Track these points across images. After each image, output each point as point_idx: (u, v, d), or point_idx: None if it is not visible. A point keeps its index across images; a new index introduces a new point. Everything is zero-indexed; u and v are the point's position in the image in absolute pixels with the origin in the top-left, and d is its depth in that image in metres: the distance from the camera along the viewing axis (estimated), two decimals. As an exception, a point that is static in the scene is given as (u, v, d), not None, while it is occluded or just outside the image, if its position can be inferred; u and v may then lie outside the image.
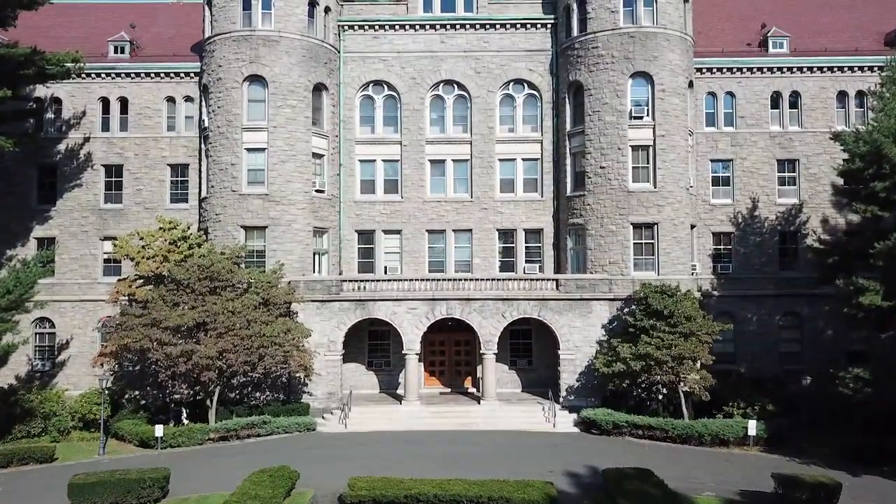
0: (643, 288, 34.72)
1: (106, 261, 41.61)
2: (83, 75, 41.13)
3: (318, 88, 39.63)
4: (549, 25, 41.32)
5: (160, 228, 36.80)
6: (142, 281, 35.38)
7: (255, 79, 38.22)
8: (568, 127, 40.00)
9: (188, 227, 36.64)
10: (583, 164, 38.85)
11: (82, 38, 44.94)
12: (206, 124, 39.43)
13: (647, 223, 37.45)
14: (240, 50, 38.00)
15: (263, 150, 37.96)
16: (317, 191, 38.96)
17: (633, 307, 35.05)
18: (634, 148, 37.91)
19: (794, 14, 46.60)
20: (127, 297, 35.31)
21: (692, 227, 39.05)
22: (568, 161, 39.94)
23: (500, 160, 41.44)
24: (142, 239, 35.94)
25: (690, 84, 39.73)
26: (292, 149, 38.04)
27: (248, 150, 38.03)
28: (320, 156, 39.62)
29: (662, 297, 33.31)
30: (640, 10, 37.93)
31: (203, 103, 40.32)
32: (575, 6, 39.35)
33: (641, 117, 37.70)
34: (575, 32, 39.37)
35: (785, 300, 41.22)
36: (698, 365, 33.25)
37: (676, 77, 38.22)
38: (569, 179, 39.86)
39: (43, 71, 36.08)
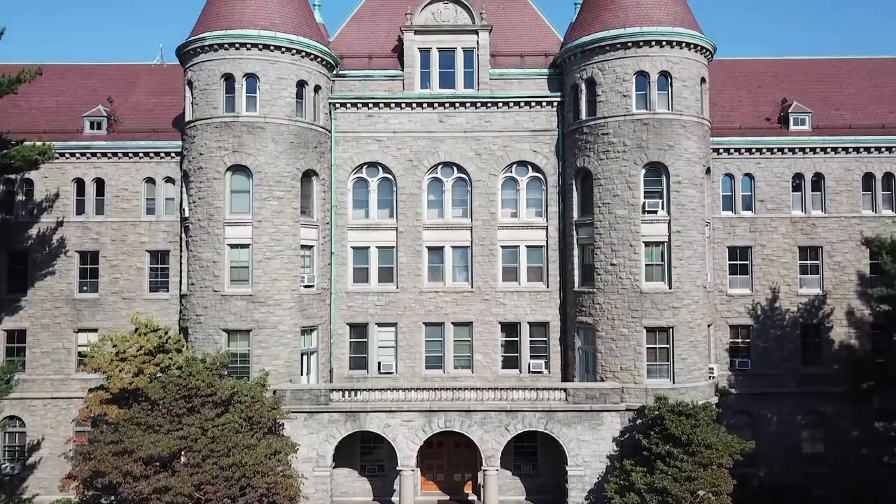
0: (658, 403, 32.09)
1: (80, 354, 38.79)
2: (56, 155, 38.54)
3: (308, 174, 36.84)
4: (554, 104, 38.55)
5: (135, 330, 34.04)
6: (115, 394, 32.54)
7: (239, 168, 35.40)
8: (575, 216, 37.23)
9: (166, 333, 33.79)
10: (592, 258, 36.09)
11: (56, 109, 42.37)
12: (187, 214, 36.63)
13: (661, 327, 34.67)
14: (222, 137, 35.19)
15: (247, 245, 35.12)
16: (305, 286, 36.13)
17: (647, 421, 32.33)
18: (647, 244, 35.11)
19: (814, 81, 43.96)
20: (96, 416, 32.51)
21: (709, 325, 36.31)
22: (575, 252, 37.16)
23: (502, 247, 38.65)
24: (115, 346, 33.12)
25: (708, 170, 36.99)
26: (279, 244, 35.23)
27: (231, 245, 35.21)
28: (310, 247, 36.83)
29: (679, 420, 30.58)
30: (653, 95, 35.14)
31: (184, 190, 37.53)
32: (583, 87, 36.56)
33: (656, 211, 34.94)
34: (583, 115, 36.59)
35: (807, 398, 38.52)
36: (719, 491, 30.53)
37: (693, 166, 35.45)
38: (576, 272, 37.08)
39: (8, 165, 33.32)
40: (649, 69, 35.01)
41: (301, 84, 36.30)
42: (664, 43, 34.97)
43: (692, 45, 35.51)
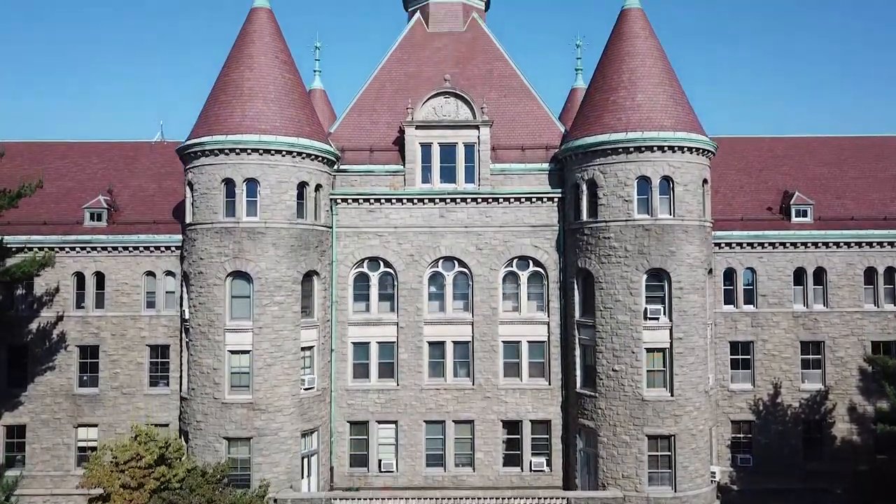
0: (660, 517, 32.06)
1: (80, 449, 38.81)
2: (56, 249, 38.74)
3: (309, 275, 36.72)
4: (555, 199, 38.46)
5: (135, 437, 33.92)
6: (114, 510, 32.43)
7: (240, 273, 35.28)
8: (577, 315, 37.11)
9: (166, 443, 33.60)
10: (594, 361, 35.95)
11: (56, 196, 42.29)
12: (187, 317, 36.51)
13: (663, 435, 34.53)
14: (223, 243, 35.07)
15: (248, 352, 34.95)
16: (305, 388, 35.97)
17: (649, 536, 32.30)
18: (649, 350, 34.98)
19: (815, 164, 44.01)
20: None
21: (711, 428, 36.17)
22: (577, 352, 37.02)
23: (503, 342, 38.51)
24: (115, 457, 32.94)
25: (710, 271, 36.90)
26: (279, 349, 35.11)
27: (232, 352, 35.05)
28: (310, 347, 36.68)
29: (682, 541, 30.52)
30: (655, 201, 35.03)
31: (184, 290, 37.41)
32: (584, 187, 36.48)
33: (657, 318, 34.79)
34: (584, 216, 36.49)
35: (809, 494, 38.32)
36: None
37: (695, 271, 35.32)
38: (578, 372, 36.95)
39: (12, 278, 33.34)
40: (651, 174, 34.91)
41: (302, 185, 36.18)
42: (666, 148, 34.90)
43: (695, 149, 35.43)
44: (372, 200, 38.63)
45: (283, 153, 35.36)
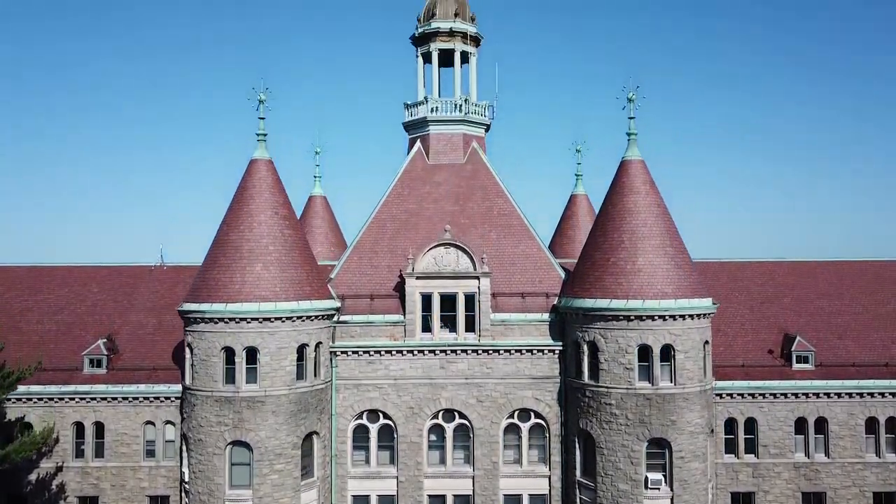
0: None
1: None
2: (55, 399, 38.76)
3: (309, 435, 36.60)
4: (556, 351, 38.37)
5: None
6: None
7: (240, 442, 35.15)
8: (578, 474, 37.00)
9: None
10: (594, 524, 35.93)
11: (56, 335, 42.26)
12: (187, 479, 36.41)
13: None
14: (222, 412, 34.95)
15: (248, 522, 34.96)
16: (306, 552, 35.97)
17: None
18: (651, 519, 34.97)
19: (816, 296, 44.12)
20: None
21: (712, 591, 36.18)
22: (578, 512, 37.00)
23: (504, 495, 38.39)
24: None
25: (712, 431, 36.82)
26: (280, 518, 35.05)
27: (232, 521, 35.04)
28: (310, 508, 36.63)
29: None
30: (656, 369, 34.93)
31: (184, 449, 37.31)
32: (585, 348, 36.38)
33: (658, 488, 34.70)
34: (585, 377, 36.37)
35: None
36: None
37: (696, 437, 35.24)
38: (579, 533, 36.92)
39: (12, 463, 33.41)
40: (652, 343, 34.81)
41: (302, 347, 36.06)
42: (668, 317, 34.81)
43: (696, 315, 35.35)
44: (372, 352, 38.52)
45: (283, 319, 35.25)
